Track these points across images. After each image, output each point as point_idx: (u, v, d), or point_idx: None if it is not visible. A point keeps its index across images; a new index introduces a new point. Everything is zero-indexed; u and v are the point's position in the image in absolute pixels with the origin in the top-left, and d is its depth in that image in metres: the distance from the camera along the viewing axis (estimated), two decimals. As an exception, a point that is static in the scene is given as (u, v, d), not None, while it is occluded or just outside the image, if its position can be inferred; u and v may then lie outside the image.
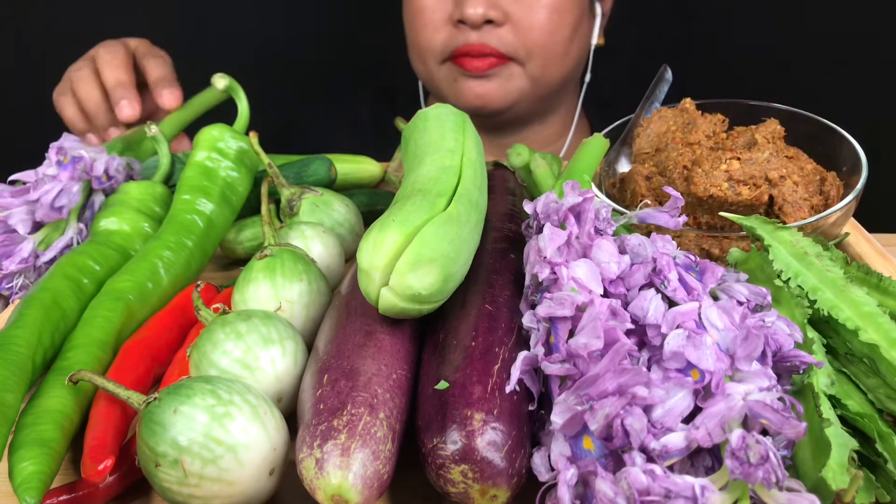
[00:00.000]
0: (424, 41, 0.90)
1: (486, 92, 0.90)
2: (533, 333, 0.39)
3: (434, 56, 0.90)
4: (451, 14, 0.87)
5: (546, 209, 0.44)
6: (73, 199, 0.59)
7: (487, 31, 0.86)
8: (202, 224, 0.57)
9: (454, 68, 0.90)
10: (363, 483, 0.35)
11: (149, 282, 0.52)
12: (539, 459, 0.36)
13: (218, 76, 0.63)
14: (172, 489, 0.36)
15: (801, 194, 0.53)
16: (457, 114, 0.56)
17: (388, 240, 0.40)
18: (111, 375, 0.45)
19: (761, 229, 0.46)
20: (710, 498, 0.30)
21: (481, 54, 0.87)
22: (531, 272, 0.42)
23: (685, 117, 0.60)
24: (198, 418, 0.36)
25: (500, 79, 0.89)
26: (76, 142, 0.63)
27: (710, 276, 0.41)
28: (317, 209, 0.60)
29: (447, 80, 0.91)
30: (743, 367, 0.35)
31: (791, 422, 0.31)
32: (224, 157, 0.60)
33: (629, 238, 0.42)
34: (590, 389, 0.33)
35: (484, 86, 0.89)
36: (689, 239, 0.53)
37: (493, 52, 0.87)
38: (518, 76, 0.90)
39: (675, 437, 0.32)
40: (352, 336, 0.42)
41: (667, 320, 0.37)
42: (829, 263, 0.43)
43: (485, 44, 0.87)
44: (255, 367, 0.42)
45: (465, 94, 0.90)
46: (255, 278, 0.49)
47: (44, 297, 0.48)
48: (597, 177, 0.59)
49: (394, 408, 0.38)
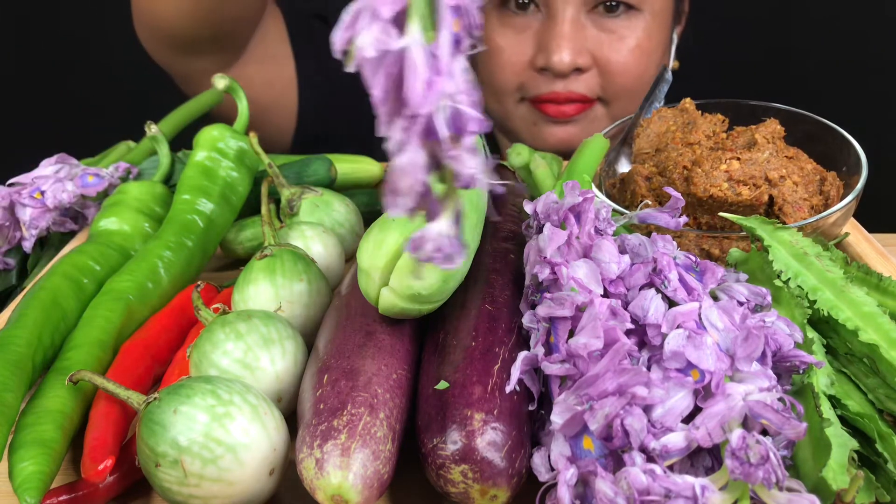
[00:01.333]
0: (502, 83, 0.83)
1: (570, 137, 0.84)
2: (533, 333, 0.39)
3: (513, 96, 0.85)
4: (532, 59, 0.81)
5: (546, 209, 0.44)
6: None
7: (573, 78, 0.81)
8: (202, 224, 0.57)
9: (535, 112, 0.84)
10: (363, 483, 0.35)
11: (149, 282, 0.52)
12: (539, 459, 0.36)
13: (218, 76, 0.63)
14: (172, 489, 0.36)
15: (801, 194, 0.53)
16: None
17: (388, 240, 0.40)
18: (111, 375, 0.45)
19: (761, 229, 0.46)
20: (711, 498, 0.30)
21: (568, 101, 0.82)
22: (531, 272, 0.42)
23: (685, 117, 0.60)
24: (198, 418, 0.36)
25: (584, 122, 0.84)
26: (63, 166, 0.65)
27: (711, 276, 0.41)
28: (317, 209, 0.60)
29: (526, 122, 0.86)
30: (743, 368, 0.35)
31: (791, 422, 0.31)
32: (224, 157, 0.60)
33: (629, 238, 0.42)
34: (590, 389, 0.33)
35: (568, 130, 0.84)
36: (689, 239, 0.53)
37: (580, 98, 0.82)
38: (602, 117, 0.85)
39: (675, 437, 0.32)
40: (352, 336, 0.42)
41: (667, 320, 0.37)
42: (829, 263, 0.43)
43: (571, 91, 0.81)
44: (255, 367, 0.42)
45: (546, 139, 0.85)
46: (255, 278, 0.49)
47: (44, 297, 0.48)
48: (597, 177, 0.59)
49: (394, 408, 0.38)
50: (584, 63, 0.80)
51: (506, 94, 0.85)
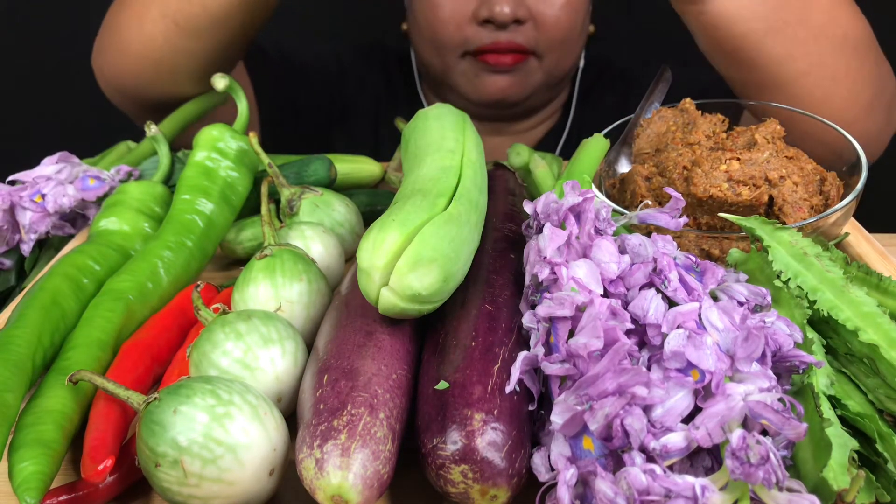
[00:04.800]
0: (445, 37, 0.90)
1: (508, 86, 0.92)
2: (533, 333, 0.39)
3: (455, 51, 0.91)
4: (474, 12, 0.88)
5: (546, 209, 0.44)
6: None
7: (512, 28, 0.88)
8: (202, 224, 0.57)
9: (476, 63, 0.91)
10: (363, 483, 0.35)
11: (149, 282, 0.52)
12: (539, 459, 0.36)
13: (218, 76, 0.63)
14: (172, 489, 0.36)
15: (801, 194, 0.53)
16: (457, 114, 0.56)
17: (388, 240, 0.40)
18: (111, 375, 0.45)
19: (761, 230, 0.46)
20: (711, 498, 0.30)
21: (508, 50, 0.89)
22: (531, 272, 0.42)
23: (685, 117, 0.60)
24: (198, 418, 0.36)
25: (520, 73, 0.92)
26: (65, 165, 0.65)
27: (711, 276, 0.41)
28: (317, 209, 0.60)
29: (467, 75, 0.93)
30: (743, 368, 0.35)
31: (791, 422, 0.31)
32: (224, 157, 0.60)
33: (629, 238, 0.42)
34: (590, 389, 0.33)
35: (507, 79, 0.92)
36: (689, 240, 0.53)
37: (518, 48, 0.89)
38: (536, 70, 0.93)
39: (674, 437, 0.32)
40: (352, 336, 0.42)
41: (667, 320, 0.37)
42: (829, 264, 0.43)
43: (511, 41, 0.89)
44: (254, 367, 0.42)
45: (486, 88, 0.92)
46: (255, 278, 0.49)
47: (44, 297, 0.48)
48: (597, 177, 0.59)
49: (394, 408, 0.38)
50: (522, 14, 0.88)
51: (448, 49, 0.91)
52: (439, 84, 0.98)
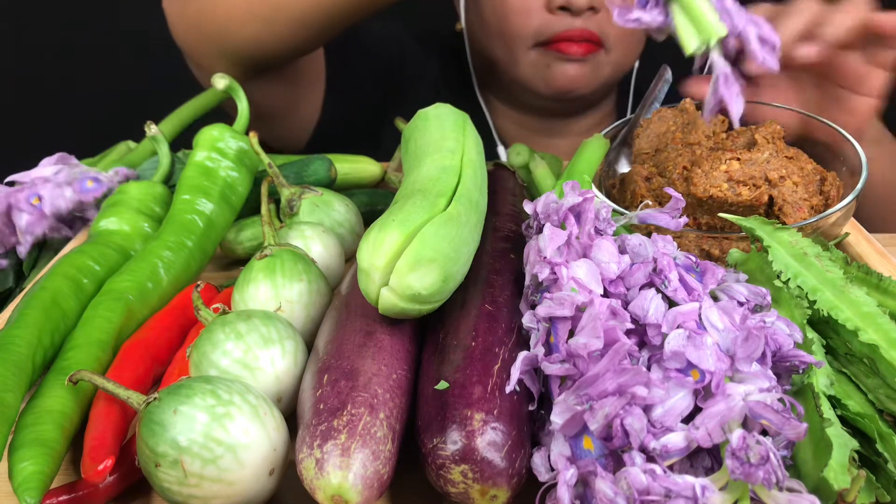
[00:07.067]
0: (516, 27, 0.89)
1: (578, 75, 0.90)
2: (533, 333, 0.39)
3: (525, 42, 0.90)
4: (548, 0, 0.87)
5: (546, 209, 0.44)
6: None
7: (587, 16, 0.87)
8: (202, 224, 0.57)
9: (549, 53, 0.89)
10: (363, 483, 0.35)
11: (149, 282, 0.52)
12: (539, 459, 0.36)
13: (218, 76, 0.63)
14: (172, 489, 0.36)
15: (801, 194, 0.53)
16: (457, 114, 0.56)
17: (388, 240, 0.40)
18: (111, 375, 0.45)
19: (761, 230, 0.46)
20: (711, 498, 0.30)
21: (583, 38, 0.87)
22: (531, 272, 0.42)
23: (685, 117, 0.60)
24: (198, 418, 0.36)
25: (590, 64, 0.90)
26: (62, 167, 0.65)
27: (711, 276, 0.41)
28: (317, 209, 0.60)
29: (536, 66, 0.91)
30: (743, 368, 0.35)
31: (791, 422, 0.31)
32: (224, 157, 0.60)
33: (629, 238, 0.42)
34: (590, 389, 0.33)
35: (576, 69, 0.90)
36: (689, 240, 0.53)
37: (591, 37, 0.88)
38: (605, 63, 0.91)
39: (674, 437, 0.32)
40: (352, 336, 0.42)
41: (667, 320, 0.37)
42: (829, 264, 0.43)
43: (585, 28, 0.87)
44: (255, 367, 0.42)
45: (556, 79, 0.90)
46: (255, 278, 0.49)
47: (44, 297, 0.48)
48: (597, 177, 0.59)
49: (394, 408, 0.38)
50: (597, 2, 0.86)
51: (518, 41, 0.89)
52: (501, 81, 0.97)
